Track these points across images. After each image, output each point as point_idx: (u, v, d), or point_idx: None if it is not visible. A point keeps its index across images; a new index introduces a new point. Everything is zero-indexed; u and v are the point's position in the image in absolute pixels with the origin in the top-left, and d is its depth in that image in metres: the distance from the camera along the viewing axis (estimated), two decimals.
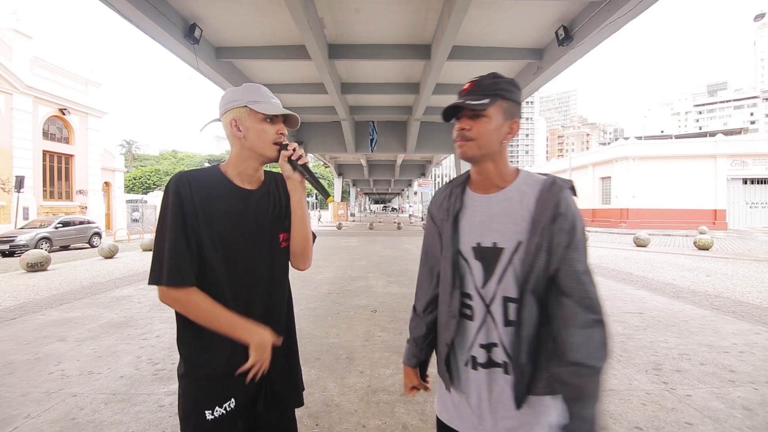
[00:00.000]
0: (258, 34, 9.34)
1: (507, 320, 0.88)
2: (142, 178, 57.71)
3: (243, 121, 1.01)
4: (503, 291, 0.89)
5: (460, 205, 0.96)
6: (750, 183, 23.55)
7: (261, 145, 1.01)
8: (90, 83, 19.89)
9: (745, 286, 6.21)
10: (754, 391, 2.61)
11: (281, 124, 1.05)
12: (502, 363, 0.89)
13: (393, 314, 4.57)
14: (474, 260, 0.92)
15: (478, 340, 0.92)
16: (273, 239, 1.07)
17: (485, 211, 0.93)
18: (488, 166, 0.93)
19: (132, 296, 5.59)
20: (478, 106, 0.86)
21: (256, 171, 1.07)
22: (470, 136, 0.90)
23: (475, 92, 0.89)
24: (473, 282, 0.93)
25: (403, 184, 50.65)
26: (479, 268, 0.92)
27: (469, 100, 0.88)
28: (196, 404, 0.98)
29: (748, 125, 77.76)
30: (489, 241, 0.90)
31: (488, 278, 0.91)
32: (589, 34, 7.81)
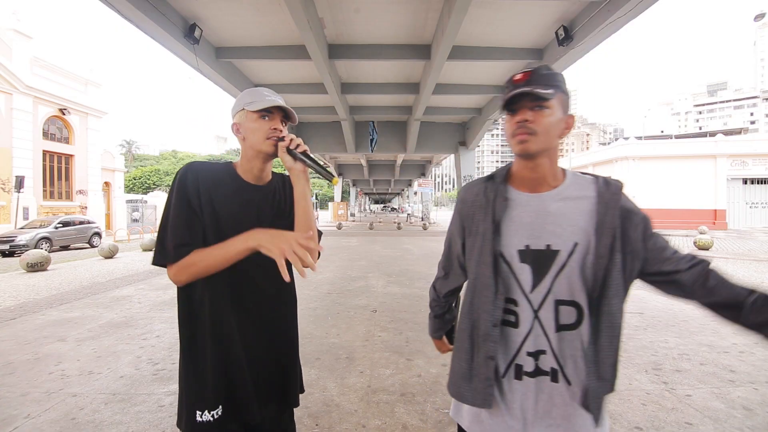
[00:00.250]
0: (258, 34, 9.34)
1: (558, 325, 0.84)
2: (142, 178, 57.68)
3: (243, 123, 1.06)
4: (556, 294, 0.84)
5: (505, 205, 0.89)
6: (750, 183, 23.54)
7: (257, 141, 1.04)
8: (90, 83, 19.88)
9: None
10: (754, 391, 2.61)
11: (277, 120, 1.06)
12: (550, 370, 0.85)
13: (393, 314, 4.57)
14: (520, 263, 0.86)
15: (525, 347, 0.86)
16: None
17: (536, 211, 0.87)
18: (544, 162, 0.86)
19: (132, 296, 5.59)
20: (546, 95, 0.80)
21: (262, 170, 1.10)
22: (534, 128, 0.82)
23: (534, 82, 0.82)
24: (519, 286, 0.87)
25: (403, 184, 50.62)
26: (527, 271, 0.86)
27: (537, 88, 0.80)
28: (188, 402, 1.00)
29: (748, 125, 77.76)
30: (541, 243, 0.85)
31: (538, 282, 0.85)
32: (589, 34, 7.81)
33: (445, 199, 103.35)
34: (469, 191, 0.97)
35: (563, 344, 0.84)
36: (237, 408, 1.02)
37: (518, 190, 0.91)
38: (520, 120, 0.83)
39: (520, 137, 0.83)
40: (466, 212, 0.96)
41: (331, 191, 65.27)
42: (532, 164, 0.87)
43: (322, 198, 67.74)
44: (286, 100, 1.16)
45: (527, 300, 0.86)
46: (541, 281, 0.85)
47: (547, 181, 0.88)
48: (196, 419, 0.99)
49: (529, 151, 0.84)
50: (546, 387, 0.85)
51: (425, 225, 23.27)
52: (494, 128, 19.78)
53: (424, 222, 26.52)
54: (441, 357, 3.22)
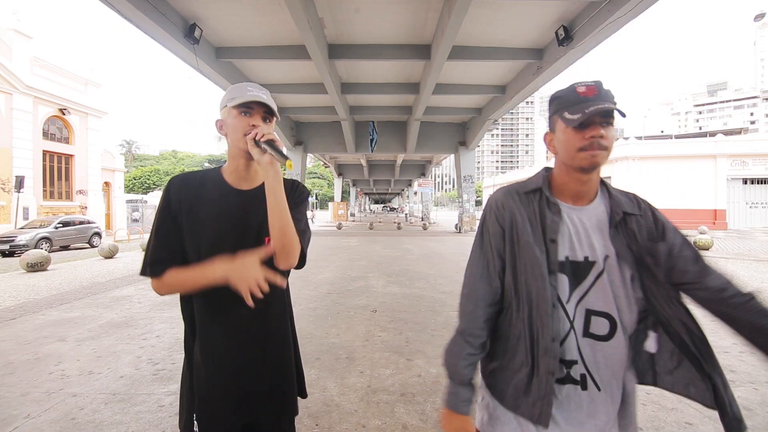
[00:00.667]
0: (258, 34, 9.35)
1: (587, 332, 0.87)
2: (142, 178, 57.72)
3: (225, 120, 1.04)
4: (587, 304, 0.87)
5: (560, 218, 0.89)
6: (750, 183, 23.54)
7: (236, 138, 1.01)
8: (90, 83, 19.88)
9: (745, 286, 6.21)
10: (754, 391, 2.61)
11: (257, 116, 1.02)
12: (580, 378, 0.86)
13: (393, 314, 4.57)
14: (559, 274, 0.88)
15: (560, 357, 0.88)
16: (260, 240, 1.04)
17: (576, 223, 0.89)
18: (595, 177, 0.89)
19: (132, 296, 5.59)
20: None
21: (248, 169, 1.07)
22: (606, 144, 0.83)
23: (606, 98, 0.83)
24: (558, 297, 0.88)
25: (403, 184, 50.63)
26: (565, 282, 0.88)
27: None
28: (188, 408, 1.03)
29: (748, 125, 77.78)
30: (580, 255, 0.87)
31: (573, 291, 0.87)
32: (589, 34, 7.82)
33: (445, 199, 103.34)
34: (508, 198, 0.94)
35: (589, 350, 0.86)
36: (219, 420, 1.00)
37: (561, 201, 0.92)
38: (595, 135, 0.83)
39: (594, 152, 0.83)
40: (502, 218, 0.93)
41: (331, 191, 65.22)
42: (587, 178, 0.88)
43: (322, 198, 67.75)
44: (286, 100, 1.16)
45: (564, 310, 0.87)
46: (574, 291, 0.87)
47: (590, 195, 0.91)
48: (193, 428, 1.01)
49: (599, 165, 0.85)
50: (574, 395, 0.87)
51: (425, 225, 23.27)
52: (494, 128, 19.75)
53: (424, 222, 26.52)
54: (441, 357, 3.22)
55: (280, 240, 0.99)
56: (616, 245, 0.86)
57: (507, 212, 0.93)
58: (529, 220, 0.90)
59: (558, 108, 0.88)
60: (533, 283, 0.88)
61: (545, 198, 0.91)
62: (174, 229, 1.01)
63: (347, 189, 52.56)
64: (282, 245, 0.99)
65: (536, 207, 0.91)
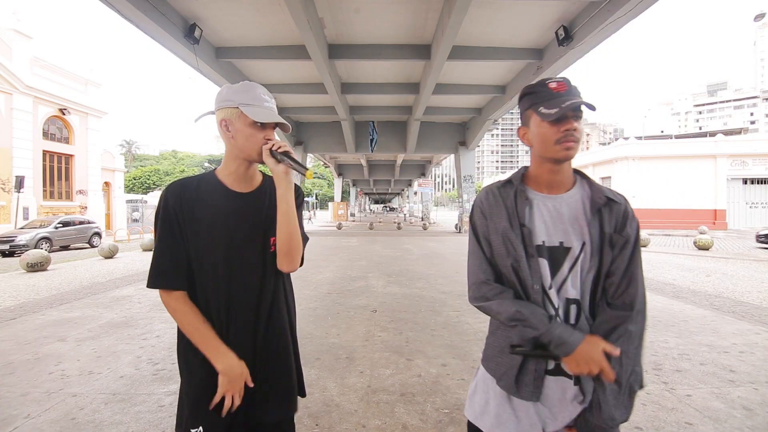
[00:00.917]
0: (258, 34, 9.35)
1: (566, 321, 0.90)
2: (142, 178, 57.69)
3: (233, 122, 1.01)
4: (566, 292, 0.90)
5: (527, 203, 0.95)
6: (750, 183, 23.55)
7: (248, 148, 1.02)
8: (90, 83, 19.88)
9: (745, 286, 6.21)
10: (754, 391, 2.61)
11: (271, 130, 1.03)
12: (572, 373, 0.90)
13: (393, 314, 4.57)
14: (539, 258, 0.92)
15: None
16: (264, 242, 1.05)
17: (551, 211, 0.93)
18: (567, 168, 0.95)
19: (132, 296, 5.59)
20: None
21: (248, 171, 1.07)
22: (578, 137, 0.89)
23: (576, 93, 0.89)
24: (541, 281, 0.91)
25: (403, 184, 50.63)
26: (546, 266, 0.91)
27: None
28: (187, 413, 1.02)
29: (748, 125, 77.76)
30: (555, 240, 0.91)
31: (553, 278, 0.91)
32: (589, 34, 7.82)
33: (445, 199, 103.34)
34: (489, 195, 1.00)
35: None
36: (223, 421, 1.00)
37: (536, 191, 0.97)
38: (569, 128, 0.88)
39: (569, 144, 0.88)
40: (487, 213, 0.98)
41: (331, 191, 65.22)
42: (558, 168, 0.93)
43: (322, 198, 67.73)
44: (286, 100, 1.16)
45: (547, 296, 0.91)
46: (555, 277, 0.91)
47: (565, 184, 0.95)
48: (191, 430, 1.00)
49: (572, 157, 0.90)
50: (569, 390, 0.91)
51: (425, 225, 23.27)
52: (494, 128, 19.77)
53: (424, 222, 26.52)
54: (441, 357, 3.22)
55: (288, 243, 1.02)
56: (591, 231, 0.90)
57: (487, 206, 0.99)
58: (506, 209, 0.95)
59: (533, 103, 0.92)
60: (517, 266, 0.92)
61: (517, 189, 0.97)
62: (176, 237, 1.00)
63: (347, 189, 52.55)
64: (288, 248, 1.02)
65: (512, 197, 0.96)
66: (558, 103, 0.87)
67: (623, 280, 0.89)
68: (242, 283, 1.03)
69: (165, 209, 1.00)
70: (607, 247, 0.89)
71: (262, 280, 1.06)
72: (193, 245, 1.01)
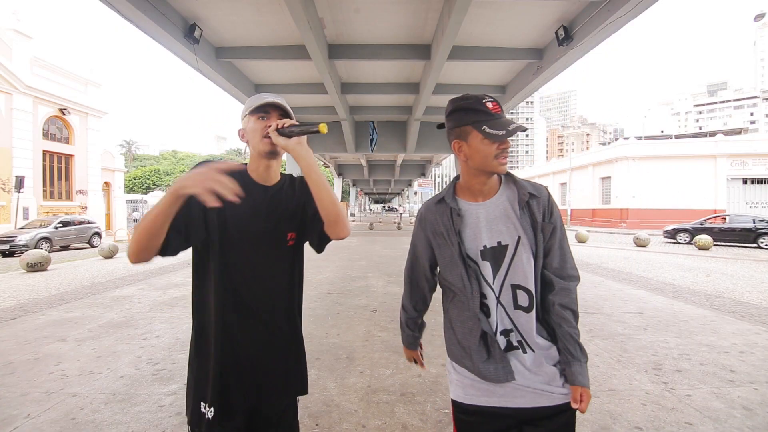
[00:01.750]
0: (258, 34, 9.34)
1: (516, 304, 1.03)
2: (142, 178, 57.67)
3: (246, 128, 1.10)
4: (511, 280, 1.02)
5: (461, 216, 1.07)
6: (750, 183, 23.54)
7: (255, 141, 1.07)
8: (90, 83, 19.88)
9: (745, 286, 6.21)
10: (754, 391, 2.61)
11: (273, 119, 1.07)
12: (518, 343, 1.04)
13: (393, 314, 4.57)
14: (482, 261, 1.04)
15: (498, 329, 1.04)
16: (280, 236, 1.10)
17: (484, 216, 1.05)
18: (495, 177, 1.08)
19: (132, 296, 5.59)
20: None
21: (268, 170, 1.12)
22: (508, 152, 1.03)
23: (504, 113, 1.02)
24: (485, 280, 1.04)
25: (403, 184, 50.61)
26: (488, 266, 1.03)
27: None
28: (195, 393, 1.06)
29: (748, 125, 77.73)
30: (494, 241, 1.03)
31: (496, 272, 1.03)
32: (589, 34, 7.81)
33: None
34: (428, 211, 1.14)
35: (521, 320, 1.03)
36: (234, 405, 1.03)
37: (466, 200, 1.09)
38: (507, 147, 1.01)
39: (505, 160, 1.02)
40: (428, 228, 1.13)
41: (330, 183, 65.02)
42: (487, 179, 1.06)
43: None
44: (286, 100, 1.16)
45: (491, 289, 1.04)
46: (498, 271, 1.03)
47: (492, 191, 1.08)
48: (200, 410, 1.03)
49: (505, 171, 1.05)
50: (519, 357, 1.03)
51: None
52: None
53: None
54: (441, 357, 3.22)
55: (334, 208, 1.04)
56: (523, 225, 1.02)
57: (428, 223, 1.13)
58: (443, 224, 1.08)
59: (474, 120, 1.00)
60: (453, 273, 1.06)
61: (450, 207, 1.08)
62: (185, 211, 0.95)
63: (347, 189, 52.54)
64: (337, 213, 1.04)
65: (447, 211, 1.08)
66: (503, 125, 0.98)
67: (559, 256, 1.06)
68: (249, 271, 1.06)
69: None
70: (539, 233, 1.03)
71: (271, 271, 1.09)
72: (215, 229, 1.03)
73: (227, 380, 1.03)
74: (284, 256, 1.12)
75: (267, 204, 1.09)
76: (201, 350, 1.07)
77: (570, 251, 1.09)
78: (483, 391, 1.04)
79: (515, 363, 1.03)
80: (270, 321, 1.09)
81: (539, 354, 1.03)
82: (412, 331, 1.29)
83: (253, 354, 1.06)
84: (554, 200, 1.08)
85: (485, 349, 1.03)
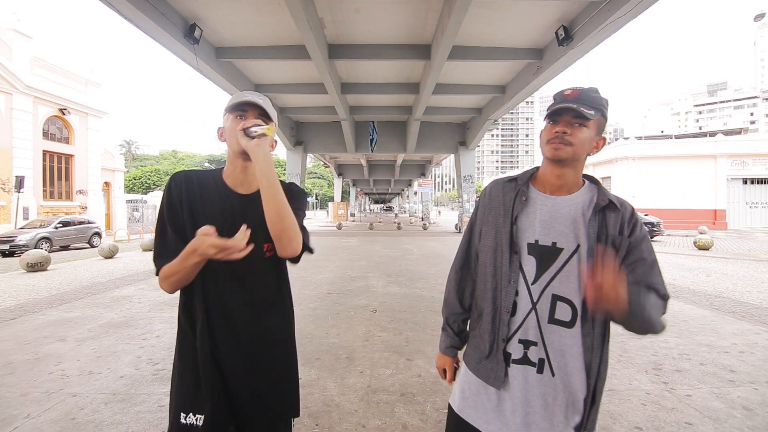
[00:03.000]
0: (258, 34, 9.34)
1: (552, 317, 0.92)
2: (142, 178, 57.64)
3: (225, 126, 1.07)
4: (554, 289, 0.92)
5: (524, 203, 0.98)
6: (750, 183, 23.54)
7: (231, 140, 1.02)
8: (90, 83, 19.87)
9: (745, 286, 6.21)
10: (754, 391, 2.61)
11: (251, 117, 1.02)
12: (537, 361, 0.92)
13: (393, 314, 4.57)
14: (527, 255, 0.95)
15: (518, 335, 0.94)
16: (256, 247, 1.01)
17: (549, 211, 0.96)
18: (569, 172, 0.96)
19: (132, 296, 5.59)
20: (589, 115, 0.90)
21: (245, 172, 1.07)
22: (570, 140, 0.92)
23: (582, 101, 0.91)
24: (523, 277, 0.95)
25: (403, 184, 50.59)
26: (532, 264, 0.94)
27: (583, 107, 0.90)
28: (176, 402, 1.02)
29: (748, 125, 77.71)
30: (549, 240, 0.94)
31: (540, 275, 0.93)
32: (589, 34, 7.81)
33: (445, 199, 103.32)
34: (495, 187, 1.07)
35: (554, 337, 0.91)
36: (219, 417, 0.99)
37: (538, 190, 1.00)
38: (560, 130, 0.92)
39: (556, 145, 0.92)
40: (487, 205, 1.05)
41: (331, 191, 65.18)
42: (559, 171, 0.96)
43: (322, 198, 67.70)
44: (286, 100, 1.15)
45: (528, 291, 0.94)
46: (542, 275, 0.93)
47: (569, 187, 0.97)
48: (180, 421, 0.99)
49: (560, 158, 0.93)
50: (531, 377, 0.92)
51: (425, 225, 23.26)
52: (494, 128, 19.76)
53: (424, 222, 26.51)
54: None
55: (279, 223, 0.97)
56: (589, 233, 0.90)
57: (490, 199, 1.05)
58: (503, 205, 1.01)
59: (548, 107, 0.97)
60: (491, 259, 1.00)
61: (519, 188, 1.01)
62: (173, 227, 1.01)
63: (347, 189, 52.52)
64: (281, 229, 0.98)
65: (512, 195, 1.01)
66: (554, 105, 0.93)
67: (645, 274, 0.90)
68: (234, 284, 1.03)
69: (167, 197, 1.03)
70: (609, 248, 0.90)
71: (253, 285, 1.05)
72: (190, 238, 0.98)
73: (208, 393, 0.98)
74: (262, 267, 1.06)
75: (241, 212, 1.04)
76: (184, 360, 1.04)
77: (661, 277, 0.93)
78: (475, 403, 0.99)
79: (519, 379, 0.93)
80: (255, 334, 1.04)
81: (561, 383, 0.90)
82: (453, 331, 1.14)
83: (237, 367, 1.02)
84: (640, 220, 0.94)
85: (489, 345, 0.97)
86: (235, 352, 1.03)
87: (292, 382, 1.13)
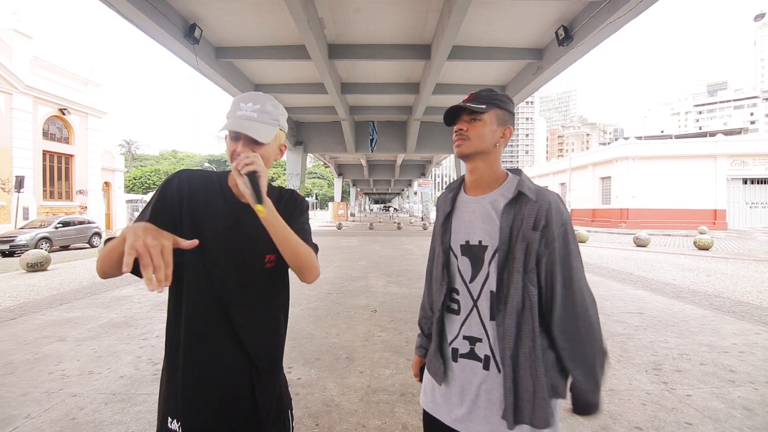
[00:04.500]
0: (258, 34, 9.34)
1: (492, 315, 0.94)
2: (142, 178, 57.66)
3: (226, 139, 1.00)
4: (490, 286, 0.95)
5: (452, 206, 1.06)
6: (750, 183, 23.55)
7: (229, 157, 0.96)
8: (90, 83, 19.88)
9: (745, 286, 6.21)
10: (754, 391, 2.61)
11: (245, 140, 0.92)
12: (483, 357, 0.95)
13: (393, 314, 4.57)
14: (462, 256, 1.00)
15: (462, 332, 0.99)
16: (257, 257, 0.99)
17: (473, 211, 1.01)
18: (480, 165, 1.01)
19: (132, 296, 5.59)
20: (477, 109, 0.97)
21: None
22: (467, 135, 0.99)
23: (474, 101, 1.00)
24: (461, 277, 1.00)
25: (403, 184, 50.62)
26: (467, 263, 0.99)
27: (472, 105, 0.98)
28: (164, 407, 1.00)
29: (748, 125, 77.70)
30: (476, 239, 0.98)
31: (476, 273, 0.98)
32: (589, 34, 7.81)
33: None
34: (441, 195, 1.15)
35: (497, 332, 0.93)
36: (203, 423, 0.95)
37: (466, 193, 1.06)
38: (456, 129, 1.01)
39: (456, 142, 1.01)
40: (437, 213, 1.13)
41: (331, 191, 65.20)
42: (471, 166, 1.03)
43: (322, 198, 67.72)
44: (286, 100, 1.14)
45: (467, 290, 0.99)
46: (478, 273, 0.97)
47: (487, 184, 1.01)
48: (168, 426, 0.96)
49: (462, 153, 1.00)
50: (478, 372, 0.95)
51: (425, 225, 23.26)
52: None
53: (424, 222, 26.50)
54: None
55: (295, 262, 0.95)
56: (502, 228, 0.92)
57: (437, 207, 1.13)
58: (442, 210, 1.08)
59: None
60: (435, 263, 1.08)
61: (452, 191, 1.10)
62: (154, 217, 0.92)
63: (347, 189, 52.55)
64: (299, 265, 0.96)
65: (448, 198, 1.09)
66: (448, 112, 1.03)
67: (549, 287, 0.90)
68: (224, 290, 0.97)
69: (162, 193, 0.96)
70: (519, 243, 0.89)
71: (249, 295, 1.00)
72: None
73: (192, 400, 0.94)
74: (262, 279, 1.01)
75: (243, 220, 0.98)
76: (171, 364, 1.00)
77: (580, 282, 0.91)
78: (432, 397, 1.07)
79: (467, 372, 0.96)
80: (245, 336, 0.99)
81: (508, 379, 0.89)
82: (422, 332, 1.22)
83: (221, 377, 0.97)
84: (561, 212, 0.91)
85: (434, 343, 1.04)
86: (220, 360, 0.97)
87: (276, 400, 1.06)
